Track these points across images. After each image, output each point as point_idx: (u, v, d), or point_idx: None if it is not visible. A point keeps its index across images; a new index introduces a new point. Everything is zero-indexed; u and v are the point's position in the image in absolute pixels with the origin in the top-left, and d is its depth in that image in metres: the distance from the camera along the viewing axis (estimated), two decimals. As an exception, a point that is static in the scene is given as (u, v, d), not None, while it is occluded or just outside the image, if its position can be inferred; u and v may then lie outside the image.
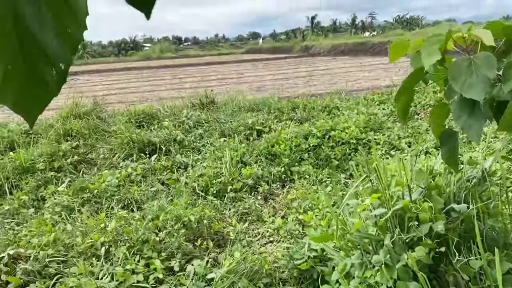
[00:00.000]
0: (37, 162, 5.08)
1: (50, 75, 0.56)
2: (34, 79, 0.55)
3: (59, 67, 0.56)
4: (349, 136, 5.42)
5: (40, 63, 0.55)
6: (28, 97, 0.56)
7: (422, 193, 1.86)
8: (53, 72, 0.56)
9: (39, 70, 0.55)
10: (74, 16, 0.55)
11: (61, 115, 6.52)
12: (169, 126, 6.07)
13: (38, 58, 0.55)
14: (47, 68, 0.56)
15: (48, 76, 0.56)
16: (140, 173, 4.85)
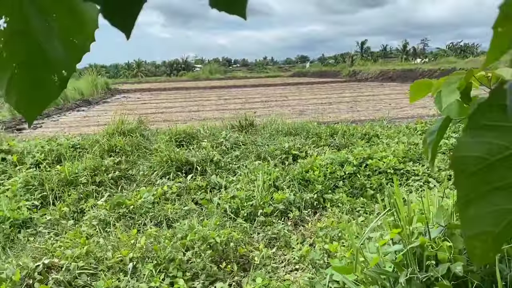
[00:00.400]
0: (80, 175, 5.35)
1: (52, 81, 0.62)
2: (36, 83, 0.62)
3: (62, 74, 0.62)
4: (386, 165, 5.30)
5: (43, 70, 0.61)
6: (29, 99, 0.63)
7: (443, 232, 1.80)
8: (54, 78, 0.62)
9: (42, 76, 0.61)
10: (82, 28, 0.60)
11: (107, 131, 6.84)
12: (207, 146, 6.21)
13: (42, 65, 0.61)
14: (50, 74, 0.61)
15: (50, 82, 0.62)
16: (176, 192, 4.97)
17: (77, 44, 0.61)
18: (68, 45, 0.61)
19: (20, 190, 5.05)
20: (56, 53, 0.60)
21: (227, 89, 26.37)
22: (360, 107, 13.53)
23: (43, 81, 0.62)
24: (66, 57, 0.61)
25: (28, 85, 0.62)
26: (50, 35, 0.59)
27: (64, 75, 0.62)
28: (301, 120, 10.38)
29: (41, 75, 0.61)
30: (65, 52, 0.61)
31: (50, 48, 0.60)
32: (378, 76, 29.53)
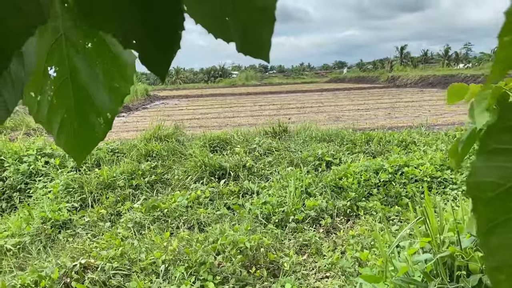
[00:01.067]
0: (118, 179, 5.52)
1: (98, 123, 0.66)
2: (84, 126, 0.66)
3: (106, 116, 0.66)
4: (423, 173, 5.16)
5: (90, 113, 0.66)
6: (78, 141, 0.67)
7: (475, 242, 1.74)
8: (100, 121, 0.66)
9: (89, 119, 0.66)
10: (122, 73, 0.65)
11: (145, 137, 7.03)
12: (240, 152, 6.25)
13: (89, 109, 0.65)
14: (96, 117, 0.66)
15: (96, 124, 0.66)
16: (208, 196, 5.04)
17: (119, 88, 0.66)
18: (111, 89, 0.65)
19: (61, 192, 5.27)
20: (101, 98, 0.65)
21: (263, 95, 26.49)
22: (398, 113, 13.23)
23: (90, 124, 0.66)
24: (110, 100, 0.66)
25: (76, 129, 0.66)
26: (95, 81, 0.64)
27: (109, 118, 0.67)
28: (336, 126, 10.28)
29: (88, 119, 0.66)
30: (109, 96, 0.66)
31: (96, 93, 0.65)
32: (418, 82, 28.79)
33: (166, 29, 0.50)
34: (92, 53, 0.62)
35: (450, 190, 4.91)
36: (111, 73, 0.64)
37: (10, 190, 5.75)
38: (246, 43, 0.57)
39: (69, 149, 0.68)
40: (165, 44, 0.50)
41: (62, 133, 0.66)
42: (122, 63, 0.64)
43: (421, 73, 30.78)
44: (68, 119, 0.65)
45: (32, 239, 4.18)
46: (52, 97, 0.64)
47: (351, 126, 9.78)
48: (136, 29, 0.49)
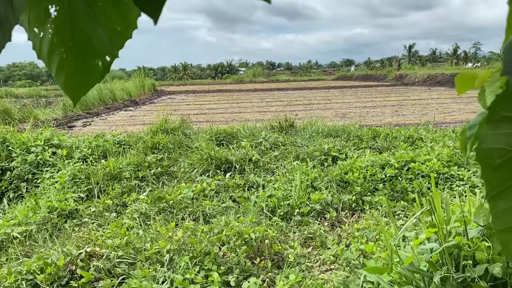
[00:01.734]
0: (124, 170, 5.54)
1: (96, 65, 0.67)
2: (82, 67, 0.67)
3: (105, 60, 0.66)
4: (429, 169, 5.13)
5: (88, 55, 0.66)
6: (75, 81, 0.68)
7: (481, 232, 1.72)
8: (98, 63, 0.67)
9: (87, 61, 0.66)
10: (125, 16, 0.64)
11: (151, 130, 7.05)
12: (246, 146, 6.25)
13: (87, 51, 0.66)
14: (94, 59, 0.66)
15: (94, 66, 0.67)
16: (214, 189, 5.05)
17: (120, 31, 0.65)
18: (112, 32, 0.65)
19: (68, 183, 5.31)
20: (101, 40, 0.65)
21: (270, 92, 26.45)
22: (405, 111, 13.16)
23: (88, 66, 0.67)
24: (109, 43, 0.66)
25: (74, 69, 0.67)
26: (95, 23, 0.64)
27: (107, 61, 0.67)
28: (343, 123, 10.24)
29: (86, 60, 0.66)
30: (109, 39, 0.65)
31: (95, 35, 0.65)
32: (426, 80, 28.60)
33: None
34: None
35: (457, 186, 4.88)
36: (112, 16, 0.63)
37: (17, 180, 5.80)
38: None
39: (67, 88, 0.68)
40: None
41: (61, 72, 0.67)
42: (125, 6, 0.63)
43: (429, 72, 30.57)
44: (67, 59, 0.66)
45: (38, 227, 4.22)
46: (53, 36, 0.64)
47: (358, 123, 9.74)
48: None
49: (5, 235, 3.99)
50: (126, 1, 0.63)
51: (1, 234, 3.97)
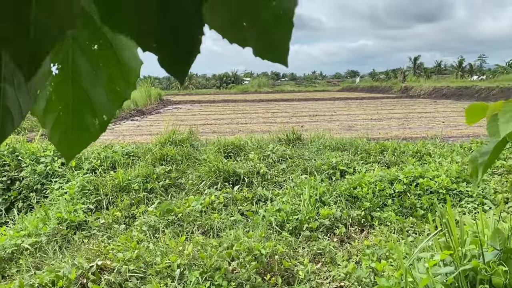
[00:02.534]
0: (133, 182, 5.57)
1: (93, 124, 0.67)
2: (78, 126, 0.67)
3: (102, 118, 0.67)
4: (438, 185, 5.12)
5: (86, 114, 0.66)
6: (70, 139, 0.68)
7: (498, 256, 1.72)
8: (95, 122, 0.67)
9: (84, 119, 0.67)
10: (125, 77, 0.65)
11: (160, 141, 7.08)
12: (254, 158, 6.27)
13: (85, 110, 0.66)
14: (91, 118, 0.67)
15: (91, 125, 0.67)
16: (222, 202, 5.06)
17: (120, 91, 0.66)
18: (112, 92, 0.66)
19: (77, 194, 5.34)
20: (100, 99, 0.66)
21: (275, 103, 26.52)
22: (411, 124, 13.15)
23: (85, 125, 0.67)
24: (108, 103, 0.66)
25: (70, 127, 0.67)
26: (96, 82, 0.65)
27: (105, 120, 0.67)
28: (350, 135, 10.24)
29: (83, 119, 0.67)
30: (108, 99, 0.66)
31: (95, 95, 0.65)
32: (431, 93, 28.60)
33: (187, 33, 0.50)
34: (97, 55, 0.63)
35: (466, 203, 4.86)
36: (113, 76, 0.65)
37: (26, 190, 5.84)
38: (264, 48, 0.58)
39: (61, 147, 0.68)
40: (185, 49, 0.51)
41: (56, 130, 0.67)
42: (126, 67, 0.64)
43: (435, 84, 30.58)
44: (64, 117, 0.66)
45: (48, 239, 4.24)
46: (51, 93, 0.64)
47: (364, 136, 9.74)
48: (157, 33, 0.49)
49: (16, 246, 4.01)
50: (127, 63, 0.65)
51: (12, 245, 3.99)
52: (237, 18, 0.57)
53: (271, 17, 0.56)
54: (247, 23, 0.57)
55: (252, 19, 0.57)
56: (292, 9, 0.56)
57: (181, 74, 0.53)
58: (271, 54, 0.59)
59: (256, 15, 0.56)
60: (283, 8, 0.56)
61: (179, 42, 0.50)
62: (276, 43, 0.59)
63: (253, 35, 0.58)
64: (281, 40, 0.59)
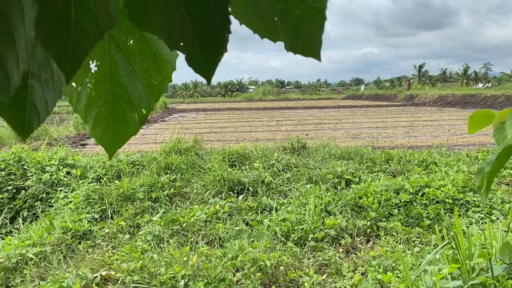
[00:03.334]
0: (137, 191, 5.56)
1: (133, 118, 0.68)
2: (119, 120, 0.68)
3: (141, 112, 0.68)
4: (444, 195, 5.08)
5: (125, 108, 0.68)
6: (112, 134, 0.69)
7: (507, 270, 1.69)
8: (135, 116, 0.68)
9: (124, 114, 0.68)
10: (161, 71, 0.66)
11: (165, 150, 7.09)
12: (259, 167, 6.25)
13: (125, 104, 0.67)
14: (131, 112, 0.68)
15: (130, 119, 0.68)
16: (227, 211, 5.04)
17: (156, 85, 0.67)
18: (149, 86, 0.67)
19: (82, 203, 5.34)
20: (138, 94, 0.67)
21: (280, 111, 26.53)
22: (417, 132, 13.09)
23: (125, 119, 0.68)
24: (146, 97, 0.67)
25: (111, 122, 0.68)
26: (133, 77, 0.66)
27: (144, 113, 0.68)
28: (355, 143, 10.20)
29: (124, 113, 0.68)
30: (146, 93, 0.67)
31: (133, 89, 0.66)
32: (437, 100, 28.52)
33: (213, 32, 0.50)
34: (133, 50, 0.64)
35: (473, 213, 4.81)
36: (149, 70, 0.65)
37: (32, 199, 5.85)
38: (296, 42, 0.58)
39: (103, 141, 0.69)
40: (212, 47, 0.51)
41: (97, 125, 0.68)
42: (161, 60, 0.65)
43: (440, 92, 30.50)
44: (104, 112, 0.67)
45: (53, 249, 4.23)
46: (91, 90, 0.65)
47: (370, 144, 9.71)
48: (184, 32, 0.50)
49: (20, 256, 4.01)
50: (163, 56, 0.65)
51: (16, 255, 3.98)
52: (268, 13, 0.57)
53: (304, 11, 0.56)
54: (279, 17, 0.57)
55: (284, 14, 0.57)
56: (325, 3, 0.56)
57: (208, 72, 0.53)
58: (304, 49, 0.59)
59: (288, 9, 0.56)
60: (315, 1, 0.56)
61: (206, 41, 0.51)
62: (309, 38, 0.59)
63: (285, 29, 0.58)
64: (314, 35, 0.58)
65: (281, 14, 0.57)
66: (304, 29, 0.57)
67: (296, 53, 0.59)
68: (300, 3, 0.56)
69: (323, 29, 0.58)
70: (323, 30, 0.58)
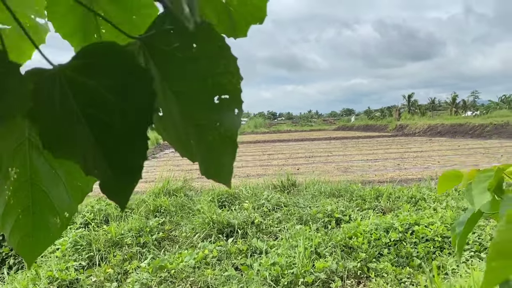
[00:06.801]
0: (126, 236, 5.50)
1: (54, 223, 0.65)
2: (39, 227, 0.65)
3: (64, 216, 0.65)
4: (434, 233, 5.08)
5: (46, 214, 0.65)
6: (31, 241, 0.66)
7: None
8: (57, 221, 0.65)
9: (45, 220, 0.65)
10: None
11: (154, 191, 7.06)
12: (248, 208, 6.23)
13: (46, 210, 0.65)
14: (53, 217, 0.65)
15: (52, 224, 0.65)
16: (216, 256, 4.98)
17: (80, 186, 0.66)
18: (73, 188, 0.65)
19: (69, 250, 5.25)
20: (60, 198, 0.65)
21: (272, 144, 26.66)
22: (407, 164, 13.18)
23: (46, 225, 0.65)
24: (69, 200, 0.65)
25: (31, 229, 0.66)
26: (56, 181, 0.64)
27: (66, 217, 0.66)
28: (346, 178, 10.23)
29: (45, 219, 0.65)
30: (69, 195, 0.65)
31: (55, 194, 0.65)
32: (426, 130, 28.87)
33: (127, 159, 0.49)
34: None
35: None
36: (73, 173, 0.64)
37: (18, 246, 5.74)
38: (209, 167, 0.59)
39: (21, 250, 0.66)
40: (126, 175, 0.50)
41: (15, 233, 0.65)
42: None
43: (429, 122, 30.91)
44: (23, 220, 0.64)
45: (37, 301, 4.13)
46: (10, 197, 0.63)
47: (360, 179, 9.74)
48: (97, 159, 0.49)
49: (3, 310, 3.91)
50: None
51: (-1, 309, 3.88)
52: (184, 136, 0.58)
53: (216, 139, 0.58)
54: (195, 141, 0.58)
55: (198, 139, 0.58)
56: (236, 131, 0.58)
57: (122, 200, 0.51)
58: (216, 175, 0.61)
59: (201, 135, 0.58)
60: (227, 130, 0.58)
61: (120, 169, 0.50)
62: (221, 164, 0.60)
63: (199, 154, 0.59)
64: (226, 161, 0.60)
65: (196, 139, 0.58)
66: (216, 156, 0.59)
67: (209, 178, 0.60)
68: (213, 130, 0.58)
69: (234, 156, 0.59)
70: (235, 156, 0.59)
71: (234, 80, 0.57)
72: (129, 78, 0.49)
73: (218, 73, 0.56)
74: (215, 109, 0.57)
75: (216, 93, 0.57)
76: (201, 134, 0.58)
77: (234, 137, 0.58)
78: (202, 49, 0.55)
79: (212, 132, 0.58)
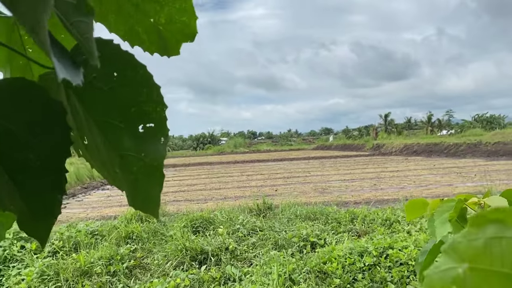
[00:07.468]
0: (95, 265, 5.32)
1: None
2: None
3: None
4: (407, 256, 5.08)
5: None
6: None
7: None
8: None
9: None
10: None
11: (126, 217, 6.90)
12: (223, 233, 6.14)
13: None
14: None
15: None
16: (188, 285, 4.85)
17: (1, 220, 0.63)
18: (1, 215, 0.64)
19: (35, 281, 5.04)
20: None
21: (251, 164, 26.64)
22: (383, 184, 13.31)
23: None
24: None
25: None
26: None
27: None
28: (323, 199, 10.24)
29: None
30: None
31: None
32: (403, 149, 29.36)
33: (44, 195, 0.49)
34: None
35: None
36: None
37: (-19, 278, 5.49)
38: (136, 198, 0.57)
39: None
40: (43, 211, 0.49)
41: None
42: None
43: (406, 141, 31.48)
44: None
45: (-3, 338, 3.92)
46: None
47: (337, 199, 9.77)
48: (13, 196, 0.48)
49: None
50: None
51: None
52: (110, 165, 0.56)
53: (142, 168, 0.56)
54: (119, 171, 0.56)
55: (123, 168, 0.56)
56: (162, 160, 0.56)
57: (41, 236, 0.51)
58: (143, 206, 0.58)
59: (126, 165, 0.56)
60: (152, 160, 0.56)
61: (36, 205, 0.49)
62: (147, 195, 0.58)
63: (125, 183, 0.57)
64: (152, 192, 0.58)
65: (121, 168, 0.56)
66: (142, 186, 0.57)
67: (136, 209, 0.59)
68: (138, 160, 0.56)
69: (161, 186, 0.57)
70: (162, 186, 0.58)
71: (158, 109, 0.55)
72: (40, 113, 0.48)
73: (142, 101, 0.55)
74: (139, 139, 0.55)
75: (140, 122, 0.55)
76: (126, 165, 0.56)
77: (160, 167, 0.57)
78: (122, 78, 0.54)
79: (137, 162, 0.56)
